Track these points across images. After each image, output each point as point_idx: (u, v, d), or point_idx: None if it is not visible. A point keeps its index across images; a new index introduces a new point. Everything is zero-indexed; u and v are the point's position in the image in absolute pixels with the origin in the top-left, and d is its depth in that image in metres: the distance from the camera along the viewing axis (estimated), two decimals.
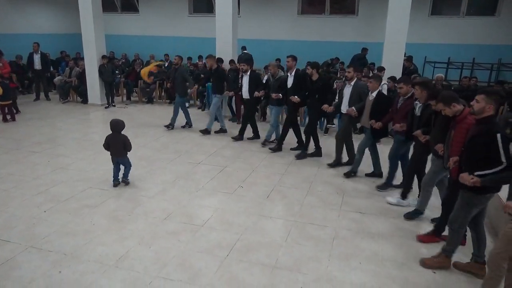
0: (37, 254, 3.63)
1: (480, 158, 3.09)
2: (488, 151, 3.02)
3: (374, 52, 10.87)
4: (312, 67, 6.14)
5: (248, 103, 7.45)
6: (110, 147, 5.10)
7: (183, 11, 14.40)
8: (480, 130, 3.12)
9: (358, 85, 5.72)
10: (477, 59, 11.73)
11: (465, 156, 3.27)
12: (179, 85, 7.97)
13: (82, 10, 9.84)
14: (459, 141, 3.47)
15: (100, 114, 9.62)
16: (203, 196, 5.01)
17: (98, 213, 4.47)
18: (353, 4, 12.78)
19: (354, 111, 5.53)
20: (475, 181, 3.03)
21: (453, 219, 3.42)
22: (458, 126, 3.53)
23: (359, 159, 5.65)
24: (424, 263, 3.59)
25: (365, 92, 5.55)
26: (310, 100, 6.32)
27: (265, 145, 7.15)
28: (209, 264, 3.53)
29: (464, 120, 3.49)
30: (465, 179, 3.11)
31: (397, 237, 4.09)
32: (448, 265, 3.55)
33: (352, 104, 5.67)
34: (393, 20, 7.82)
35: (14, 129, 7.90)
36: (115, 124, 5.06)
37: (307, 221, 4.40)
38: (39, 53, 10.69)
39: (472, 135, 3.19)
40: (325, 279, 3.37)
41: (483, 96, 3.11)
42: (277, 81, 6.83)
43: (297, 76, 6.46)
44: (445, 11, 12.19)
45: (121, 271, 3.41)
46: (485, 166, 3.05)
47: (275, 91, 6.73)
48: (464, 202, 3.30)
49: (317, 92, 6.15)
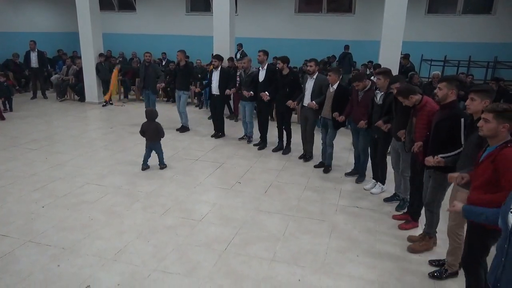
0: (36, 249, 3.63)
1: (444, 141, 3.33)
2: (452, 134, 3.28)
3: (371, 50, 10.91)
4: (283, 62, 6.27)
5: (217, 99, 7.37)
6: (145, 133, 5.65)
7: (181, 10, 14.40)
8: (445, 114, 3.37)
9: (320, 78, 5.89)
10: (473, 57, 11.80)
11: (431, 139, 3.50)
12: (152, 82, 7.91)
13: (80, 9, 9.83)
14: (421, 127, 3.76)
15: (98, 112, 9.61)
16: (201, 191, 5.03)
17: (96, 208, 4.48)
18: (350, 2, 12.82)
19: (315, 105, 5.73)
20: (439, 161, 3.24)
21: (430, 201, 3.64)
22: (420, 114, 3.81)
23: (331, 152, 5.85)
24: (412, 249, 3.75)
25: (326, 85, 5.73)
26: (280, 94, 6.36)
27: (243, 139, 7.34)
28: (207, 258, 3.55)
29: (424, 108, 3.79)
30: (429, 161, 3.33)
31: (394, 231, 4.13)
32: (431, 246, 3.78)
33: (315, 97, 5.84)
34: (390, 18, 7.85)
35: (11, 127, 7.88)
36: (149, 113, 5.68)
37: (305, 215, 4.42)
38: (36, 51, 10.66)
39: (438, 120, 3.43)
40: (323, 272, 3.39)
41: (444, 83, 3.38)
42: (249, 77, 6.82)
43: (269, 70, 6.57)
44: (441, 9, 12.26)
45: (120, 265, 3.42)
46: (449, 148, 3.27)
47: (248, 86, 6.79)
48: (438, 183, 3.52)
49: (288, 86, 6.28)
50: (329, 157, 5.86)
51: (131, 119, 8.65)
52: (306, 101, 5.98)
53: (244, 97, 6.92)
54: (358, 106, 5.17)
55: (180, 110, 7.84)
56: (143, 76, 8.04)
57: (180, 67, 7.74)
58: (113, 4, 15.09)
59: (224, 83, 7.17)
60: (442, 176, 3.38)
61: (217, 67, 7.24)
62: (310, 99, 5.88)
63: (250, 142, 7.20)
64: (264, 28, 13.46)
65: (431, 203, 3.64)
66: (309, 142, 6.26)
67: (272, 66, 6.83)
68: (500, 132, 2.47)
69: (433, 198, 3.62)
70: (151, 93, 8.04)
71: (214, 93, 7.34)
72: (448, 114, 3.36)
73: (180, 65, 7.72)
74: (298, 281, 3.26)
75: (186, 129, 7.91)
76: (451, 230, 3.22)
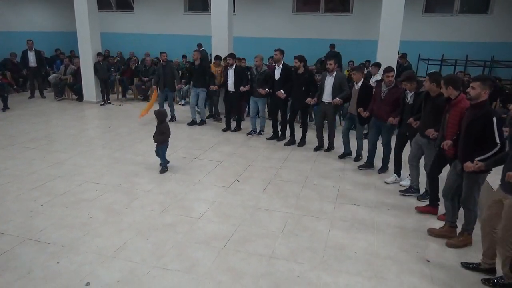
0: (35, 246, 3.64)
1: (477, 141, 3.39)
2: (484, 133, 3.32)
3: (368, 50, 10.94)
4: (300, 61, 6.51)
5: (233, 96, 7.68)
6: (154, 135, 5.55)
7: (179, 9, 14.39)
8: (476, 114, 3.40)
9: (339, 76, 6.29)
10: (470, 56, 11.84)
11: (463, 140, 3.56)
12: (169, 80, 8.27)
13: (77, 8, 9.82)
14: (454, 124, 3.79)
15: (96, 111, 9.61)
16: (200, 189, 5.04)
17: (95, 206, 4.48)
18: (348, 2, 12.85)
19: (340, 101, 6.15)
20: (480, 166, 3.28)
21: (467, 200, 3.68)
22: (453, 109, 3.82)
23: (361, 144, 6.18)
24: (451, 245, 3.79)
25: (345, 82, 6.21)
26: (295, 92, 6.62)
27: (251, 134, 7.56)
28: (206, 255, 3.57)
29: (459, 104, 3.78)
30: (469, 167, 3.37)
31: (392, 228, 4.15)
32: (470, 242, 3.79)
33: (335, 93, 6.19)
34: (387, 17, 7.88)
35: (9, 126, 7.87)
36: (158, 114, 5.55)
37: (304, 213, 4.44)
38: (33, 51, 10.65)
39: (470, 120, 3.46)
40: (321, 268, 3.42)
41: (478, 83, 3.36)
42: (262, 75, 7.08)
43: (284, 68, 6.79)
44: (438, 9, 12.29)
45: (119, 262, 3.43)
46: (482, 148, 3.34)
47: (260, 84, 7.02)
48: (473, 182, 3.58)
49: (303, 84, 6.54)
50: (360, 148, 6.19)
51: (129, 118, 8.65)
52: (326, 97, 6.32)
53: (256, 93, 7.15)
54: (382, 103, 5.37)
55: (199, 107, 8.18)
56: (162, 75, 8.29)
57: (195, 66, 8.07)
58: (111, 3, 15.07)
59: (239, 80, 7.44)
60: (476, 175, 3.50)
61: (232, 65, 7.53)
62: (331, 95, 6.21)
63: (261, 135, 7.54)
64: (262, 27, 13.47)
65: (467, 201, 3.67)
66: (330, 136, 6.63)
67: (287, 65, 6.99)
68: None
69: (469, 195, 3.64)
70: (169, 91, 8.40)
71: (230, 90, 7.64)
72: (480, 113, 3.38)
73: (196, 64, 8.04)
74: (297, 278, 3.28)
75: (204, 122, 8.38)
76: (503, 239, 3.07)
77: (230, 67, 7.57)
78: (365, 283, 3.23)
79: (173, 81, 8.44)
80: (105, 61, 10.33)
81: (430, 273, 3.38)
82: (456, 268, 3.46)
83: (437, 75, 4.40)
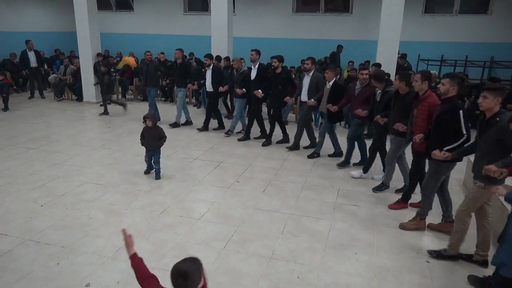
0: (35, 247, 3.64)
1: (446, 133, 3.64)
2: (453, 126, 3.59)
3: (368, 50, 10.94)
4: (278, 60, 6.65)
5: (211, 96, 7.77)
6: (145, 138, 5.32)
7: (178, 9, 14.39)
8: (445, 108, 3.68)
9: (316, 75, 6.35)
10: (470, 56, 11.85)
11: (433, 132, 3.81)
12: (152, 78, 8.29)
13: (77, 8, 9.82)
14: (422, 118, 4.05)
15: (95, 111, 9.59)
16: (200, 190, 5.04)
17: (95, 207, 4.49)
18: (347, 2, 12.86)
19: (314, 102, 6.20)
20: (447, 155, 3.49)
21: (425, 186, 3.99)
22: (420, 105, 4.08)
23: (321, 141, 6.38)
24: (403, 226, 4.10)
25: (322, 82, 6.23)
26: (273, 91, 6.75)
27: (228, 135, 7.56)
28: (206, 255, 3.57)
29: (426, 99, 4.05)
30: (437, 155, 3.56)
31: (392, 228, 4.16)
32: (423, 226, 4.10)
33: (311, 92, 6.30)
34: (387, 18, 7.89)
35: (9, 126, 7.87)
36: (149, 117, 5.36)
37: (303, 213, 4.45)
38: (33, 51, 10.65)
39: (439, 113, 3.74)
40: (321, 269, 3.42)
41: (448, 80, 3.67)
42: (241, 75, 7.23)
43: (260, 68, 6.93)
44: (438, 9, 12.30)
45: (119, 263, 3.43)
46: (451, 139, 3.59)
47: (240, 84, 7.19)
48: (433, 170, 3.85)
49: (281, 83, 6.69)
50: (318, 145, 6.37)
51: (129, 118, 8.65)
52: (303, 97, 6.47)
53: (236, 94, 7.30)
54: (355, 100, 5.61)
55: (178, 106, 8.12)
56: (145, 74, 8.35)
57: (177, 64, 7.97)
58: (111, 3, 15.06)
59: (216, 80, 7.51)
60: (437, 164, 3.76)
61: (209, 66, 7.59)
62: (308, 94, 6.32)
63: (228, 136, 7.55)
64: (261, 27, 13.47)
65: (426, 188, 3.98)
66: (297, 132, 6.69)
67: (263, 65, 7.16)
68: None
69: (428, 183, 3.95)
70: (152, 89, 8.38)
71: (208, 90, 7.82)
72: (448, 107, 3.64)
73: (177, 62, 7.95)
74: (297, 278, 3.29)
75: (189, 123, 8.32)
76: (459, 214, 3.45)
77: (208, 67, 7.62)
78: (365, 284, 3.24)
79: (156, 79, 8.49)
80: (104, 61, 10.32)
81: (430, 274, 3.39)
82: (456, 268, 3.46)
83: (406, 74, 4.65)
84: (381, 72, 5.35)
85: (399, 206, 4.59)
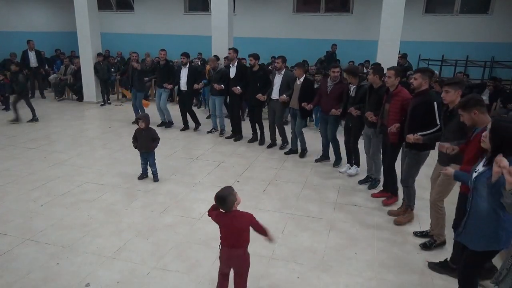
0: (35, 247, 3.64)
1: (421, 123, 3.83)
2: (427, 117, 3.80)
3: (369, 50, 10.92)
4: (254, 58, 6.75)
5: (185, 95, 7.72)
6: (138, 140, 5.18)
7: (179, 9, 14.40)
8: (419, 100, 3.89)
9: (287, 74, 6.48)
10: (470, 56, 11.85)
11: (408, 123, 4.00)
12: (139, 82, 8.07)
13: (78, 8, 9.82)
14: (395, 111, 4.28)
15: (96, 111, 9.61)
16: (200, 190, 5.04)
17: (95, 207, 4.48)
18: (348, 2, 12.86)
19: (286, 98, 6.27)
20: (418, 138, 3.75)
21: (406, 178, 4.19)
22: (393, 100, 4.31)
23: (294, 138, 6.53)
24: (398, 222, 4.23)
25: (293, 80, 6.31)
26: (251, 89, 6.79)
27: (211, 132, 7.70)
28: (206, 255, 3.56)
29: (398, 94, 4.29)
30: (410, 138, 3.81)
31: (392, 229, 4.15)
32: (412, 217, 4.30)
33: (283, 90, 6.38)
34: (388, 18, 7.88)
35: (9, 126, 7.87)
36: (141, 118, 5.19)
37: (304, 214, 4.44)
38: (34, 51, 10.65)
39: (413, 106, 3.94)
40: (321, 269, 3.41)
41: (419, 74, 3.90)
42: (218, 73, 7.27)
43: (239, 67, 7.04)
44: (439, 9, 12.29)
45: (119, 263, 3.43)
46: (425, 129, 3.79)
47: (217, 82, 7.21)
48: (413, 161, 4.08)
49: (259, 81, 6.78)
50: (302, 142, 6.43)
51: (129, 118, 8.64)
52: (274, 95, 6.55)
53: (214, 91, 7.33)
54: (327, 97, 5.71)
55: (161, 107, 8.03)
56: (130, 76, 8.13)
57: (160, 65, 7.98)
58: (111, 3, 15.07)
59: (192, 79, 7.54)
60: (417, 154, 4.02)
61: (186, 64, 7.58)
62: (279, 93, 6.42)
63: (222, 135, 7.58)
64: (262, 27, 13.48)
65: (407, 179, 4.18)
66: (281, 132, 6.78)
67: (241, 63, 7.29)
68: (474, 118, 2.95)
69: (408, 174, 4.15)
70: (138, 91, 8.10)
71: (182, 89, 7.67)
72: (422, 100, 3.87)
73: (161, 63, 7.97)
74: (297, 279, 3.28)
75: (171, 124, 8.17)
76: (433, 202, 3.67)
77: (184, 66, 7.56)
78: (365, 284, 3.23)
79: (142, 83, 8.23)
80: (105, 61, 10.33)
81: (430, 274, 3.38)
82: None
83: (380, 68, 4.85)
84: (356, 68, 5.66)
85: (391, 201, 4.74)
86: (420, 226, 4.18)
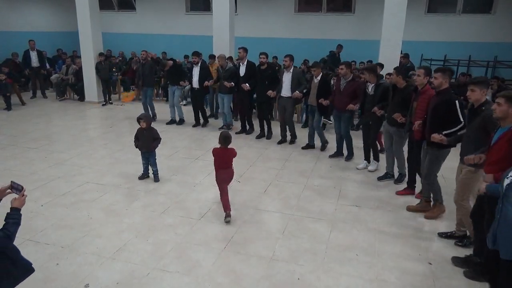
0: (34, 247, 3.63)
1: (442, 121, 3.91)
2: (449, 115, 3.89)
3: (371, 50, 10.87)
4: (266, 57, 7.04)
5: (197, 92, 7.97)
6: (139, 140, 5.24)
7: (180, 9, 14.38)
8: (441, 99, 3.98)
9: (296, 71, 6.85)
10: (473, 56, 11.77)
11: (430, 121, 4.09)
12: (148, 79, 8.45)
13: (79, 8, 9.83)
14: (421, 109, 4.36)
15: (97, 111, 9.61)
16: (200, 190, 5.02)
17: (95, 207, 4.47)
18: (349, 2, 12.81)
19: (300, 94, 6.60)
20: (443, 139, 3.78)
21: (428, 174, 4.26)
22: (421, 97, 4.41)
23: (312, 134, 6.73)
24: (429, 217, 4.31)
25: (303, 77, 6.74)
26: (260, 86, 7.05)
27: (223, 129, 7.72)
28: (206, 256, 3.55)
29: (426, 92, 4.39)
30: (435, 137, 3.83)
31: (394, 230, 4.12)
32: (443, 210, 4.34)
33: (294, 87, 6.65)
34: (390, 17, 7.86)
35: (10, 126, 7.88)
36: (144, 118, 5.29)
37: (304, 214, 4.42)
38: (35, 51, 10.66)
39: (435, 105, 4.03)
40: (322, 270, 3.39)
41: (440, 74, 3.98)
42: (227, 72, 7.48)
43: (249, 65, 7.28)
44: (441, 9, 12.23)
45: (119, 263, 3.41)
46: (447, 126, 3.86)
47: (226, 80, 7.40)
48: (434, 158, 4.17)
49: (267, 79, 6.99)
50: (322, 136, 6.64)
51: (130, 118, 8.63)
52: (284, 92, 6.81)
53: (223, 89, 7.55)
54: (340, 94, 5.93)
55: (174, 104, 8.28)
56: (141, 74, 8.45)
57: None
58: (113, 3, 15.07)
59: (204, 77, 7.74)
60: (437, 152, 4.11)
61: (197, 63, 7.80)
62: (290, 90, 6.67)
63: (230, 130, 7.58)
64: (263, 27, 13.44)
65: (429, 175, 4.26)
66: (290, 128, 7.02)
67: (251, 62, 7.43)
68: (510, 114, 2.89)
69: (430, 171, 4.24)
70: (148, 89, 8.51)
71: (194, 87, 7.92)
72: (443, 98, 3.96)
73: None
74: (298, 280, 3.26)
75: (182, 121, 8.39)
76: (457, 202, 3.71)
77: (195, 65, 7.79)
78: (366, 286, 3.20)
79: (151, 79, 8.63)
80: (106, 61, 10.32)
81: (432, 275, 3.35)
82: (458, 269, 3.42)
83: (402, 69, 4.93)
84: (375, 66, 5.80)
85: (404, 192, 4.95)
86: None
